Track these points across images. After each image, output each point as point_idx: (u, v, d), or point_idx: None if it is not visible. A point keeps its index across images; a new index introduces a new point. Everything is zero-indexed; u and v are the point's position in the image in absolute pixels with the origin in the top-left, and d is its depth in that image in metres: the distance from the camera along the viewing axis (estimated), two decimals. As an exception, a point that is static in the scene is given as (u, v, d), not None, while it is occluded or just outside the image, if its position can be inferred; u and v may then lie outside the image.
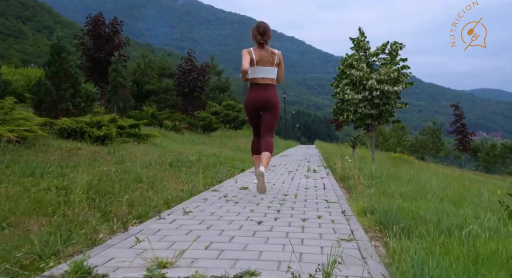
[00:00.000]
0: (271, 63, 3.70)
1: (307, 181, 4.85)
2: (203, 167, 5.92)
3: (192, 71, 17.12)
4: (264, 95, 3.69)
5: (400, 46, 8.71)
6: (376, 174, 5.08)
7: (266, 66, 3.69)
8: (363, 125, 9.16)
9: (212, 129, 16.44)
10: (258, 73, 3.69)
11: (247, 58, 3.60)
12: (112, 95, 12.94)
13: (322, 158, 10.29)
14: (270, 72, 3.71)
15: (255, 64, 3.67)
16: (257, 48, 3.72)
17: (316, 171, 6.22)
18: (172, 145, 9.46)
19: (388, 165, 8.34)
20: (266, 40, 3.72)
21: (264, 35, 3.70)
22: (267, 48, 3.75)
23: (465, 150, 16.98)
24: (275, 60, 3.72)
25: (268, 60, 3.69)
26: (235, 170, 6.23)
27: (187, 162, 6.15)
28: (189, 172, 5.32)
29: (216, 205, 3.08)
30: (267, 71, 3.70)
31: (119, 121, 8.51)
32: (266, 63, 3.68)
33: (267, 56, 3.69)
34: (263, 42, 3.72)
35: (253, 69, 3.68)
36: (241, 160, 7.95)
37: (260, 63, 3.67)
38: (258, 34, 3.69)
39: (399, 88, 8.30)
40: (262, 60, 3.68)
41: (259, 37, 3.69)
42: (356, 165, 6.34)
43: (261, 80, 3.71)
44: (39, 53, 51.78)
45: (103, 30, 14.86)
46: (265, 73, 3.70)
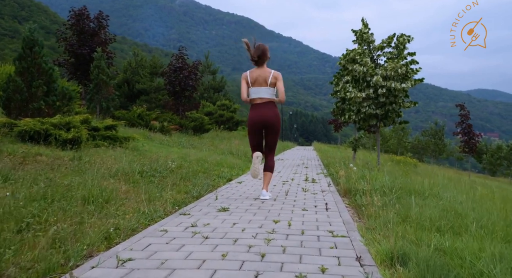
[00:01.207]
0: (266, 83, 3.85)
1: (305, 196, 3.94)
2: (181, 177, 5.01)
3: (184, 69, 16.19)
4: (263, 114, 3.86)
5: (408, 38, 7.81)
6: (388, 186, 4.17)
7: (261, 87, 3.86)
8: (366, 127, 8.27)
9: (204, 130, 15.51)
10: (254, 94, 3.87)
11: (244, 86, 3.91)
12: (94, 94, 12.00)
13: (321, 163, 9.38)
14: (265, 92, 3.85)
15: (251, 86, 3.88)
16: (254, 69, 3.92)
17: (315, 181, 5.31)
18: (155, 148, 8.53)
19: (397, 172, 7.45)
20: (262, 63, 3.89)
21: (260, 57, 3.86)
22: (265, 68, 3.91)
23: (471, 151, 16.09)
24: (269, 80, 3.84)
25: (263, 81, 3.85)
26: (220, 180, 5.31)
27: (163, 170, 5.23)
28: (162, 184, 4.41)
29: (175, 243, 2.17)
30: (261, 91, 3.86)
31: (93, 122, 7.57)
32: (261, 84, 3.86)
33: (262, 77, 3.86)
34: (259, 63, 3.89)
35: (250, 90, 3.90)
36: (230, 166, 7.03)
37: (256, 84, 3.87)
38: (256, 56, 3.86)
39: (407, 85, 7.41)
40: (257, 81, 3.87)
41: (255, 57, 3.86)
42: (362, 172, 5.44)
43: (258, 100, 3.88)
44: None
45: (87, 24, 13.91)
46: (260, 94, 3.86)
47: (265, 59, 3.89)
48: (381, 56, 8.05)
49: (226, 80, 28.10)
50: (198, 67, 16.67)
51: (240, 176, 5.98)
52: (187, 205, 3.43)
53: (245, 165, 7.72)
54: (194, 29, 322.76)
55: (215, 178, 5.40)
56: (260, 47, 3.90)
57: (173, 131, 13.25)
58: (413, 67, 7.51)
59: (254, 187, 4.70)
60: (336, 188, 4.85)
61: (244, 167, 7.32)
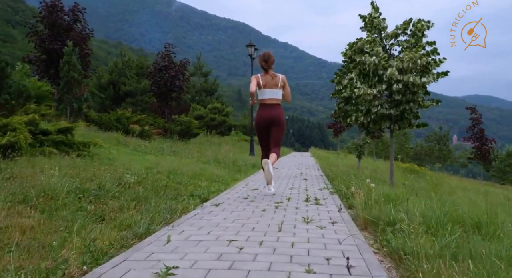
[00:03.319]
0: (276, 85, 4.31)
1: (308, 235, 2.55)
2: (135, 197, 3.62)
3: (170, 69, 14.82)
4: (272, 113, 4.30)
5: (428, 25, 6.49)
6: (431, 215, 2.80)
7: (272, 89, 4.29)
8: (377, 130, 6.93)
9: (191, 135, 14.10)
10: (266, 95, 4.30)
11: (254, 82, 4.28)
12: (64, 93, 10.58)
13: (322, 173, 8.00)
14: (276, 94, 4.31)
15: (262, 87, 4.30)
16: (263, 74, 4.36)
17: (319, 202, 3.92)
18: (125, 156, 7.12)
19: (417, 185, 6.09)
20: (270, 65, 4.36)
21: (267, 62, 4.35)
22: (272, 73, 4.36)
23: (484, 159, 14.76)
24: (279, 83, 4.32)
25: (274, 83, 4.31)
26: (192, 200, 3.92)
27: (114, 187, 3.83)
28: (99, 210, 3.02)
29: None
30: (273, 92, 4.30)
31: (43, 124, 6.16)
32: (272, 86, 4.30)
33: (272, 80, 4.32)
34: (267, 68, 4.36)
35: (261, 91, 4.34)
36: (210, 178, 5.63)
37: (267, 86, 4.31)
38: (263, 61, 4.36)
39: (428, 79, 6.07)
40: (268, 84, 4.31)
41: (264, 63, 4.35)
42: (381, 189, 4.06)
43: (268, 101, 4.32)
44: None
45: (61, 17, 12.52)
46: (272, 95, 4.31)
47: (271, 63, 4.37)
48: (394, 45, 6.73)
49: (219, 83, 26.77)
50: (186, 67, 15.30)
51: (220, 194, 4.58)
52: (111, 258, 2.03)
53: (230, 177, 6.32)
54: (191, 34, 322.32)
55: (185, 198, 4.00)
56: (266, 53, 4.42)
57: (155, 136, 11.85)
58: (435, 58, 6.19)
59: (234, 213, 3.31)
60: (349, 213, 3.47)
61: (228, 180, 5.92)
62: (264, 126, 4.33)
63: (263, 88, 4.28)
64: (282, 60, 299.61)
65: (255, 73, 4.89)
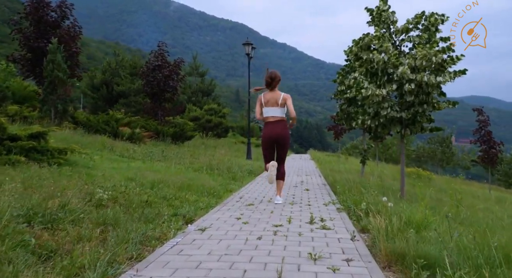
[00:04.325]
0: (277, 104, 4.55)
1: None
2: (103, 220, 2.97)
3: (163, 68, 14.16)
4: (275, 130, 4.58)
5: (442, 18, 5.86)
6: (475, 253, 2.16)
7: (272, 107, 4.56)
8: (385, 135, 6.29)
9: (185, 138, 13.43)
10: (268, 113, 4.60)
11: (258, 107, 4.68)
12: (48, 94, 9.91)
13: (325, 181, 7.35)
14: (275, 112, 4.56)
15: (264, 106, 4.61)
16: (268, 92, 4.64)
17: (326, 226, 3.26)
18: (107, 163, 6.46)
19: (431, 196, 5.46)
20: (274, 85, 4.62)
21: (273, 81, 4.61)
22: (276, 91, 4.62)
23: (492, 163, 14.09)
24: (280, 101, 4.54)
25: (275, 102, 4.55)
26: (172, 223, 3.26)
27: (80, 207, 3.18)
28: (45, 244, 2.37)
29: None
30: (273, 111, 4.57)
31: (12, 129, 5.50)
32: (273, 104, 4.56)
33: (274, 98, 4.56)
34: (272, 85, 4.61)
35: (264, 109, 4.63)
36: (200, 190, 4.98)
37: (268, 104, 4.59)
38: (269, 78, 4.61)
39: (444, 79, 5.43)
40: (269, 102, 4.58)
41: (269, 81, 4.61)
42: (400, 209, 3.42)
43: (271, 118, 4.61)
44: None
45: (47, 13, 11.85)
46: (272, 113, 4.57)
47: (276, 83, 4.61)
48: (405, 41, 6.08)
49: (216, 83, 26.11)
50: (180, 66, 14.64)
51: (210, 211, 3.93)
52: None
53: (223, 187, 5.67)
54: (189, 34, 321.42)
55: (165, 219, 3.35)
56: (273, 72, 4.67)
57: (146, 140, 11.18)
58: (451, 55, 5.55)
59: (223, 243, 2.66)
60: (364, 240, 2.83)
61: (221, 191, 5.27)
62: (269, 142, 4.63)
63: (265, 107, 4.58)
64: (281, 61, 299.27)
65: (252, 73, 5.00)
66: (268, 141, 4.60)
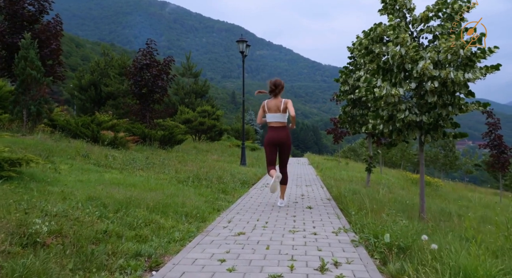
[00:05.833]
0: (279, 110, 4.81)
1: None
2: (25, 274, 2.03)
3: (152, 67, 13.20)
4: (277, 135, 4.87)
5: (468, 5, 4.98)
6: None
7: (275, 113, 4.83)
8: (401, 142, 5.39)
9: (175, 142, 12.48)
10: (270, 118, 4.89)
11: (261, 112, 4.99)
12: (20, 94, 8.93)
13: (328, 194, 6.41)
14: (277, 117, 4.84)
15: (267, 112, 4.89)
16: (271, 99, 4.90)
17: (341, 273, 2.34)
18: (74, 175, 5.49)
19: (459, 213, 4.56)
20: (277, 93, 4.87)
21: (276, 88, 4.86)
22: (279, 98, 4.87)
23: (503, 169, 13.23)
24: (281, 106, 4.79)
25: (277, 108, 4.81)
26: (128, 273, 2.32)
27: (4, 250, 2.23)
28: None
29: None
30: (275, 116, 4.84)
31: (-50, 135, 4.52)
32: (276, 111, 4.82)
33: (276, 105, 4.82)
34: (276, 93, 4.87)
35: (267, 115, 4.91)
36: (179, 212, 4.02)
37: (271, 110, 4.86)
38: (273, 85, 4.86)
39: (474, 75, 4.54)
40: (272, 108, 4.85)
41: (273, 88, 4.86)
42: (446, 251, 2.51)
43: (273, 123, 4.88)
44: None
45: (23, 6, 10.88)
46: (274, 118, 4.85)
47: (280, 90, 4.87)
48: (424, 32, 5.19)
49: (210, 84, 25.15)
50: (170, 65, 13.68)
51: (185, 246, 2.98)
52: None
53: (210, 205, 4.72)
54: (184, 36, 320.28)
55: (120, 265, 2.40)
56: (277, 80, 4.92)
57: (130, 144, 10.21)
58: (483, 48, 4.66)
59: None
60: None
61: (206, 212, 4.31)
62: (271, 146, 4.89)
63: (268, 113, 4.87)
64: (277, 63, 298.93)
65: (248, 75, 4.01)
66: (271, 144, 4.88)
